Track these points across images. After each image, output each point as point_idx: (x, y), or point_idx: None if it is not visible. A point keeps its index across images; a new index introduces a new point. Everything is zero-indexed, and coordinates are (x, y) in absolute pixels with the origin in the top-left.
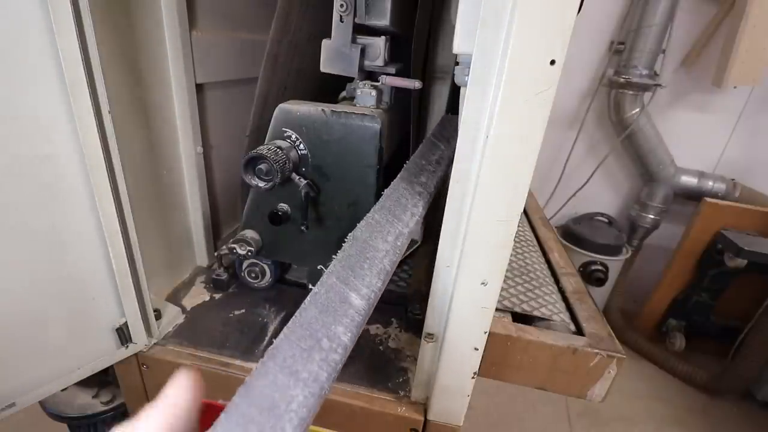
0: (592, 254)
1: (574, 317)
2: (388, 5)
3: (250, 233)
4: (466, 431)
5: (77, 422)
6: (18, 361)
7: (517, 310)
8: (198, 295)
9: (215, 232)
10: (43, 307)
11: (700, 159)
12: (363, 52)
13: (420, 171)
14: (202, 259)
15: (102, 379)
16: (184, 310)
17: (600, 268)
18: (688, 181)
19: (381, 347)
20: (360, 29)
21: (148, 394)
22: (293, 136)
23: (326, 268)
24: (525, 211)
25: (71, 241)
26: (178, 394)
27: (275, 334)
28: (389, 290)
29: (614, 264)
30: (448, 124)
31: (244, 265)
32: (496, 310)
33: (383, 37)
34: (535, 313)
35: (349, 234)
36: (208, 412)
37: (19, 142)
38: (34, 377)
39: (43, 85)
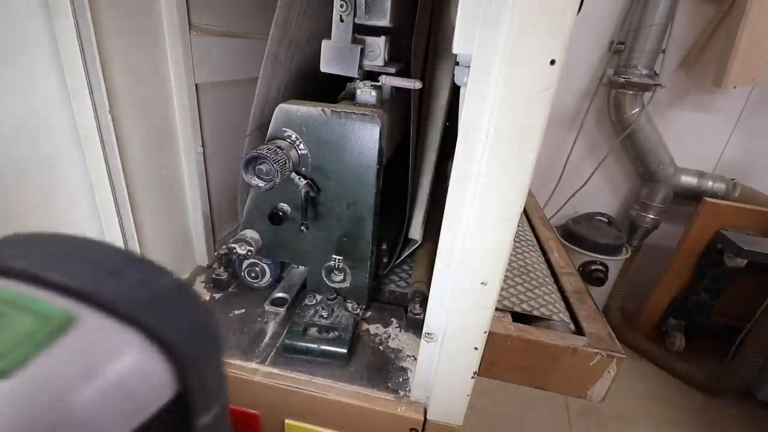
0: (592, 254)
1: (574, 317)
2: (388, 5)
3: (250, 233)
4: (466, 431)
5: None
6: None
7: (517, 309)
8: None
9: (214, 231)
10: None
11: (700, 159)
12: (363, 51)
13: None
14: (202, 258)
15: None
16: None
17: (600, 267)
18: (688, 181)
19: (381, 347)
20: (360, 29)
21: None
22: (293, 136)
23: (326, 267)
24: (525, 211)
25: None
26: None
27: (275, 335)
28: (389, 290)
29: (614, 264)
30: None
31: (244, 264)
32: (496, 310)
33: (383, 37)
34: (535, 312)
35: None
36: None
37: (19, 142)
38: None
39: (43, 85)
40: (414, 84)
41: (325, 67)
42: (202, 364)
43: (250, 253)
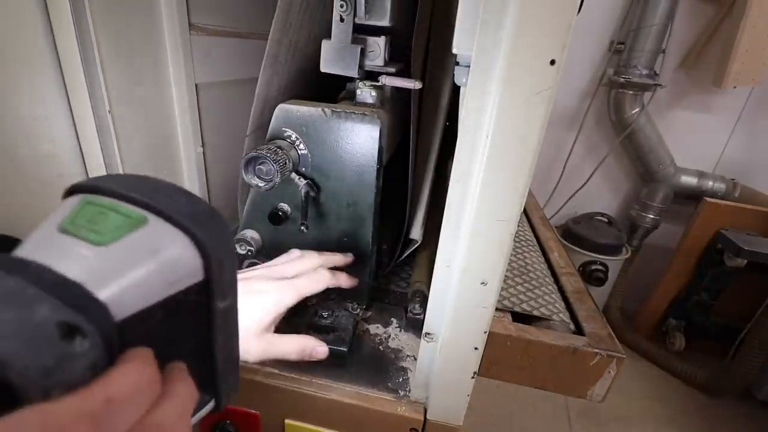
0: (592, 254)
1: (574, 317)
2: (388, 5)
3: (250, 233)
4: (466, 431)
5: None
6: None
7: (517, 309)
8: None
9: None
10: None
11: (700, 159)
12: (363, 51)
13: None
14: None
15: None
16: None
17: (600, 267)
18: (688, 181)
19: (381, 347)
20: (360, 29)
21: None
22: (293, 136)
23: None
24: (525, 211)
25: None
26: None
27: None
28: (389, 290)
29: (614, 264)
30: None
31: (244, 265)
32: (496, 310)
33: (383, 37)
34: (535, 312)
35: None
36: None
37: (18, 142)
38: None
39: (43, 84)
40: (414, 84)
41: (325, 67)
42: (222, 263)
43: (250, 253)
